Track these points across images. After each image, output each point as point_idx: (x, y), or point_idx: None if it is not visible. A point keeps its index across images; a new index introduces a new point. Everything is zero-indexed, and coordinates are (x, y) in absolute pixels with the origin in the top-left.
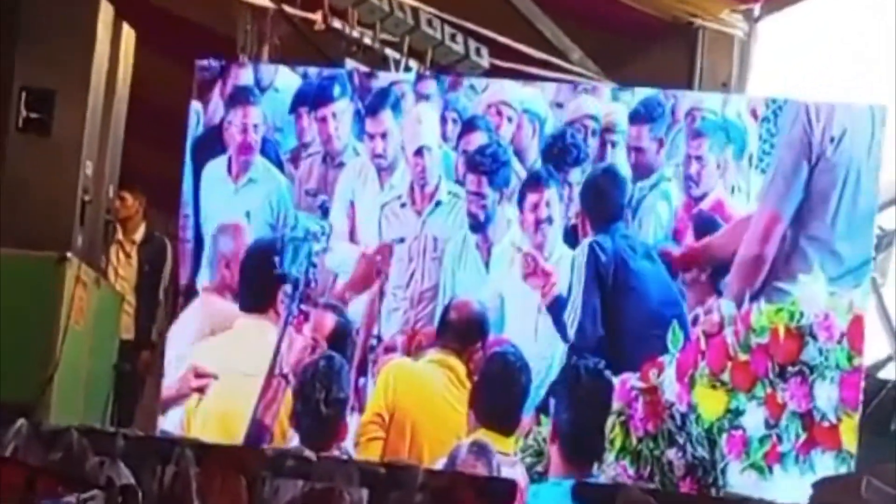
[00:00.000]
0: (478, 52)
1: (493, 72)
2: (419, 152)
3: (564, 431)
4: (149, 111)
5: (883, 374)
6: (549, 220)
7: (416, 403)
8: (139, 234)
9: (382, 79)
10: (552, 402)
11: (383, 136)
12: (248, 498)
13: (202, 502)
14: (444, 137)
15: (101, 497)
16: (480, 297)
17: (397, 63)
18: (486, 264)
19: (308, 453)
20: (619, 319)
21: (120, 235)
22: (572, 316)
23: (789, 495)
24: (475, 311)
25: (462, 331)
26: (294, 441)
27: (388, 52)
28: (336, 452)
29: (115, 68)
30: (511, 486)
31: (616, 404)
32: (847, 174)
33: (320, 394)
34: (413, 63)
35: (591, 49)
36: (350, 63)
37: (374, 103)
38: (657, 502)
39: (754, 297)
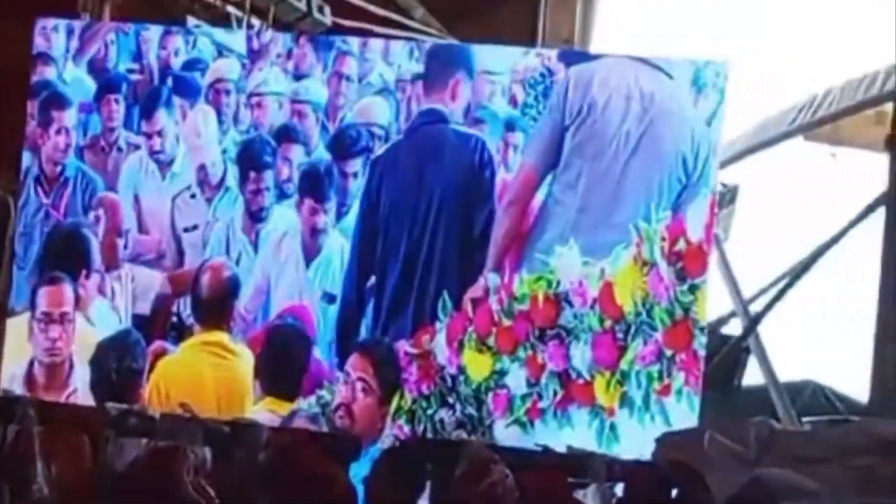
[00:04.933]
0: (320, 9)
1: (336, 30)
2: (202, 168)
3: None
4: None
5: (726, 330)
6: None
7: (192, 393)
8: None
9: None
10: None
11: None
12: (91, 456)
13: (45, 461)
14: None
15: None
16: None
17: (239, 20)
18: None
19: (151, 411)
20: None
21: None
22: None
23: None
24: (227, 276)
25: (215, 299)
26: None
27: (231, 9)
28: (180, 411)
29: None
30: (356, 442)
31: None
32: (619, 144)
33: (114, 364)
34: (255, 20)
35: (434, 6)
36: (192, 20)
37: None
38: (502, 458)
39: (516, 269)
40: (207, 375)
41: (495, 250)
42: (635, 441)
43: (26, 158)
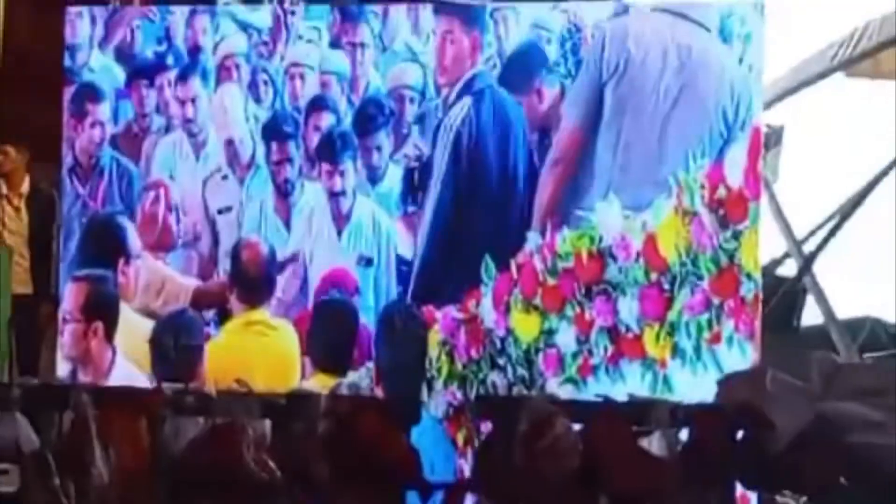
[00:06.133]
0: None
1: None
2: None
3: (384, 375)
4: (22, 62)
5: (781, 272)
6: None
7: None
8: (25, 187)
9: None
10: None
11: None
12: (149, 438)
13: (103, 446)
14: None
15: (14, 471)
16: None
17: None
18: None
19: (207, 389)
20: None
21: (5, 190)
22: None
23: None
24: (264, 253)
25: (255, 277)
26: None
27: None
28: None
29: None
30: (415, 405)
31: (441, 335)
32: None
33: (171, 341)
34: None
35: None
36: None
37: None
38: (563, 412)
39: (557, 226)
40: (256, 355)
41: (539, 210)
42: (689, 391)
43: (62, 151)
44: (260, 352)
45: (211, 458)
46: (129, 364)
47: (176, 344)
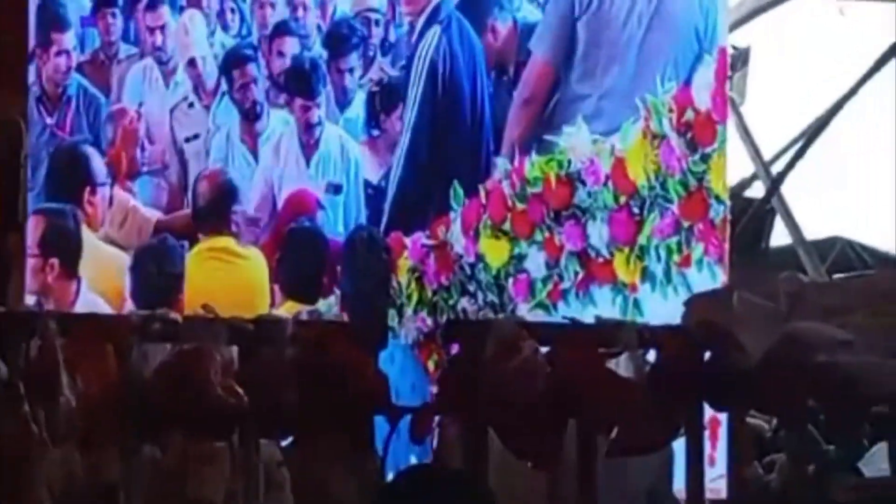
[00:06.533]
0: None
1: None
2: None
3: (348, 301)
4: None
5: (749, 193)
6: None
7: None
8: None
9: None
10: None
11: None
12: (116, 365)
13: (70, 374)
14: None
15: None
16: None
17: None
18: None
19: (174, 315)
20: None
21: None
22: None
23: None
24: (223, 181)
25: (213, 204)
26: None
27: None
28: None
29: None
30: (384, 328)
31: (410, 262)
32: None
33: (153, 269)
34: None
35: None
36: None
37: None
38: (531, 334)
39: (525, 151)
40: (216, 281)
41: (508, 139)
42: (660, 315)
43: (28, 79)
44: (224, 279)
45: (178, 384)
46: (93, 295)
47: (159, 271)
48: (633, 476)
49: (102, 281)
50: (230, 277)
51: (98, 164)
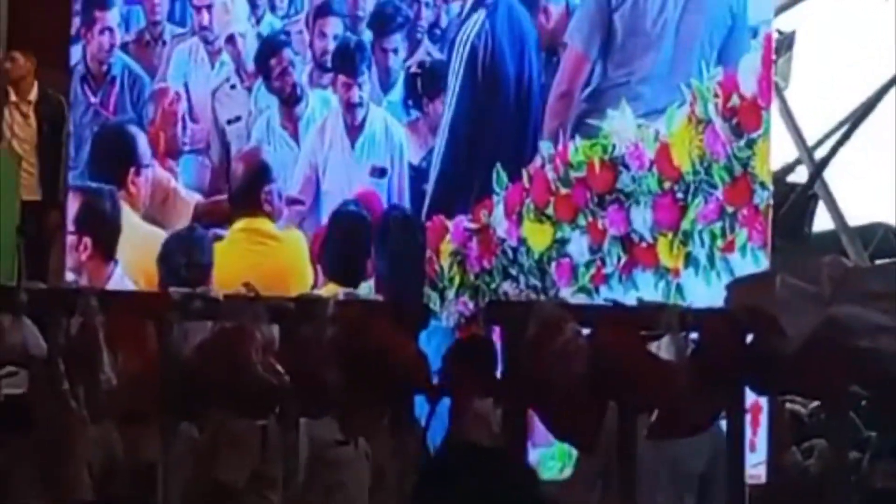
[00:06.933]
0: None
1: None
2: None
3: (384, 281)
4: None
5: (792, 178)
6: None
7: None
8: (33, 94)
9: None
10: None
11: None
12: (157, 343)
13: (111, 351)
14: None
15: (22, 374)
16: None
17: None
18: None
19: (215, 293)
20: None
21: (14, 97)
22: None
23: None
24: (259, 161)
25: (247, 184)
26: None
27: None
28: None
29: None
30: (425, 308)
31: (452, 245)
32: (668, 13)
33: (182, 260)
34: None
35: None
36: None
37: None
38: (572, 316)
39: (569, 136)
40: (247, 263)
41: (550, 124)
42: (702, 300)
43: (72, 58)
44: (257, 262)
45: (219, 362)
46: (126, 281)
47: (188, 262)
48: (684, 460)
49: (140, 263)
50: (264, 259)
51: (143, 145)
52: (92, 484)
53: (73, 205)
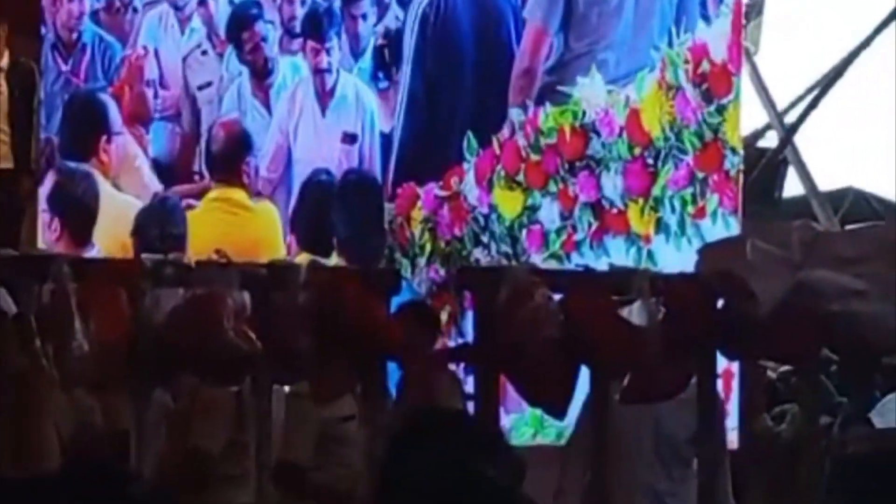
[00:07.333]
0: None
1: None
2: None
3: (345, 244)
4: None
5: (762, 143)
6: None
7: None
8: (4, 61)
9: None
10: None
11: None
12: (129, 309)
13: (83, 318)
14: None
15: None
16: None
17: None
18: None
19: (187, 260)
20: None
21: None
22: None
23: None
24: (237, 131)
25: (225, 154)
26: None
27: None
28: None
29: None
30: (396, 274)
31: (423, 213)
32: None
33: (156, 232)
34: None
35: None
36: None
37: None
38: (543, 281)
39: (539, 102)
40: (219, 232)
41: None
42: (673, 266)
43: (42, 26)
44: (229, 231)
45: (190, 329)
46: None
47: (161, 233)
48: (668, 425)
49: (114, 231)
50: (236, 230)
51: (114, 113)
52: (62, 450)
53: (47, 182)
